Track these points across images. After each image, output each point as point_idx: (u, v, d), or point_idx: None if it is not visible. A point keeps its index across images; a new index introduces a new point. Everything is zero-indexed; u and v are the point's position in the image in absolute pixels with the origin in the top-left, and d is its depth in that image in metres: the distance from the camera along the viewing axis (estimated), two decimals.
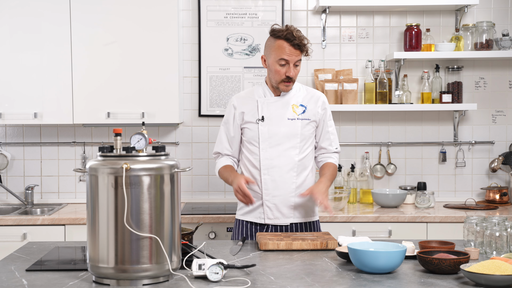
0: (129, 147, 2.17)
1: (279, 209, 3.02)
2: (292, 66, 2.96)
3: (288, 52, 2.94)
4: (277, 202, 3.02)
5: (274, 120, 3.03)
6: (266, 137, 3.02)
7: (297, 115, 3.03)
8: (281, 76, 2.98)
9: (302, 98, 3.08)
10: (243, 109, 3.07)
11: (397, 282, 2.15)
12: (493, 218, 2.60)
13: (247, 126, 3.06)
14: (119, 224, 2.11)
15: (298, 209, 3.05)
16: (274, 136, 3.02)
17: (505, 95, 4.34)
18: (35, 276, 2.26)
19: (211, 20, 4.25)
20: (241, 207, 3.12)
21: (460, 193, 4.34)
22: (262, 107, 3.04)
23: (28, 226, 3.69)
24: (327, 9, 4.19)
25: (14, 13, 3.88)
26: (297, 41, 2.93)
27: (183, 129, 4.29)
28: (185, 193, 4.27)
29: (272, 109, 3.04)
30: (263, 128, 3.02)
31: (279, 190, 3.01)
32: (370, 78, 4.19)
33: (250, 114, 3.06)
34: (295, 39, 2.93)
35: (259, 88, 3.11)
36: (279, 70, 2.97)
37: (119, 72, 3.91)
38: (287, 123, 3.02)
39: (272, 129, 3.02)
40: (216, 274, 2.15)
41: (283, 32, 2.95)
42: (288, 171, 3.01)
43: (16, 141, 4.28)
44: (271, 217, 3.03)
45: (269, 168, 3.01)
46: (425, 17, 4.31)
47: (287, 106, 3.04)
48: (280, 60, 2.96)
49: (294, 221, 3.05)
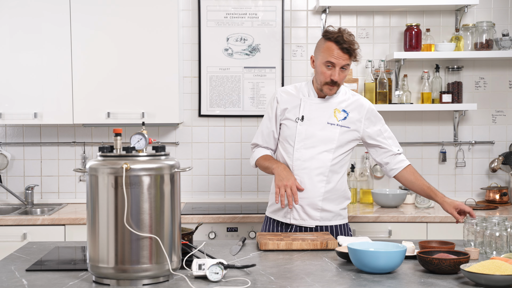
0: (129, 147, 2.17)
1: (306, 211, 2.99)
2: (338, 69, 2.90)
3: (336, 55, 2.88)
4: (303, 204, 2.98)
5: (314, 121, 2.98)
6: (302, 138, 2.99)
7: (338, 121, 2.98)
8: (326, 79, 2.92)
9: (346, 104, 3.02)
10: (286, 105, 3.04)
11: (397, 282, 2.15)
12: (493, 218, 2.60)
13: (286, 122, 3.03)
14: (119, 224, 2.11)
15: (325, 212, 3.01)
16: (311, 138, 2.98)
17: (505, 95, 4.34)
18: (35, 276, 2.26)
19: (211, 20, 4.25)
20: (271, 204, 3.10)
21: (460, 193, 4.34)
22: (304, 107, 3.00)
23: (28, 226, 3.69)
24: (327, 9, 4.19)
25: (14, 13, 3.88)
26: (346, 45, 2.87)
27: (183, 129, 4.29)
28: (185, 193, 4.27)
29: (313, 110, 3.00)
30: (301, 128, 2.99)
31: (307, 192, 2.97)
32: (370, 78, 4.19)
33: (291, 112, 3.02)
34: (344, 43, 2.87)
35: (305, 86, 3.06)
36: (325, 72, 2.92)
37: (119, 72, 3.91)
38: (326, 127, 2.97)
39: (310, 130, 2.98)
40: (216, 274, 2.15)
41: (334, 34, 2.89)
42: (318, 174, 2.97)
43: (16, 141, 4.28)
44: (297, 218, 3.01)
45: (300, 169, 2.98)
46: (425, 17, 4.31)
47: (329, 110, 3.00)
48: (327, 62, 2.90)
49: (321, 224, 3.01)
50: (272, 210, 3.09)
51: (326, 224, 3.02)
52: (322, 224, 3.02)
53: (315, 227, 3.01)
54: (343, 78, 2.94)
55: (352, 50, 2.89)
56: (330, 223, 3.03)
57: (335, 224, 3.05)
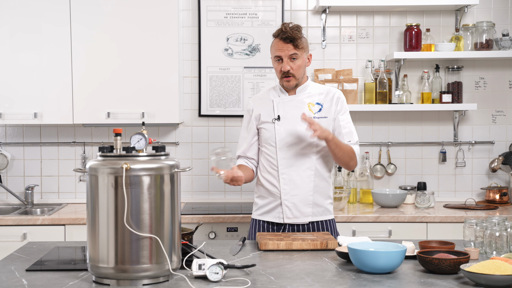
0: (129, 147, 2.17)
1: (298, 208, 3.02)
2: (286, 60, 2.95)
3: (279, 47, 2.96)
4: (296, 201, 3.01)
5: (291, 119, 3.01)
6: (283, 137, 3.01)
7: (314, 114, 3.01)
8: (279, 73, 3.00)
9: (318, 97, 3.06)
10: (260, 111, 3.08)
11: (397, 282, 2.15)
12: (493, 218, 2.60)
13: (264, 126, 3.06)
14: (119, 224, 2.11)
15: (316, 207, 3.04)
16: (291, 135, 3.00)
17: (505, 95, 4.34)
18: (35, 276, 2.26)
19: (211, 20, 4.25)
20: (258, 207, 3.12)
21: (460, 193, 4.34)
22: (278, 107, 3.04)
23: (28, 226, 3.69)
24: (327, 9, 4.19)
25: (14, 13, 3.88)
26: (286, 35, 2.93)
27: (183, 129, 4.29)
28: (185, 193, 4.27)
29: (287, 108, 3.03)
30: (279, 128, 3.02)
31: (298, 189, 3.01)
32: (370, 78, 4.19)
33: (266, 114, 3.06)
34: (285, 33, 2.93)
35: (273, 89, 3.12)
36: (276, 67, 3.01)
37: (119, 72, 3.92)
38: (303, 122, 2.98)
39: (289, 128, 3.01)
40: (216, 274, 2.15)
41: (277, 31, 2.99)
42: (306, 169, 3.00)
43: (16, 141, 4.28)
44: (290, 216, 3.03)
45: (286, 168, 3.01)
46: (425, 17, 4.31)
47: (303, 105, 3.03)
48: (275, 58, 2.99)
49: (313, 219, 3.04)
50: (262, 212, 3.11)
51: (317, 219, 3.05)
52: (314, 220, 3.05)
53: (308, 223, 3.04)
54: (297, 68, 2.98)
55: (292, 38, 2.93)
56: (321, 218, 3.06)
57: (325, 220, 3.08)
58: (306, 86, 3.07)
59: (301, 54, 2.97)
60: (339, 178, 4.19)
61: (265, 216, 3.09)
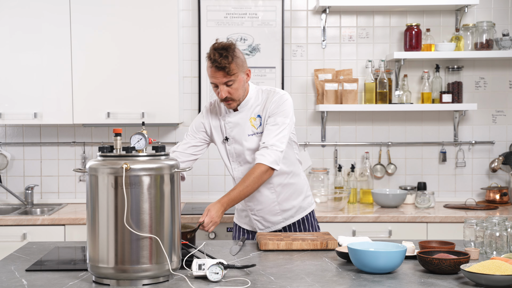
0: (129, 147, 2.17)
1: (267, 219, 3.03)
2: (222, 87, 2.78)
3: (212, 74, 2.78)
4: (263, 214, 3.02)
5: (237, 138, 2.94)
6: (234, 157, 2.98)
7: (256, 129, 2.91)
8: (218, 98, 2.87)
9: (258, 108, 2.92)
10: (213, 124, 2.99)
11: (397, 282, 2.15)
12: (493, 218, 2.60)
13: (216, 143, 3.01)
14: (119, 224, 2.11)
15: (285, 213, 3.02)
16: (241, 155, 2.95)
17: (505, 95, 4.34)
18: (35, 276, 2.26)
19: (211, 20, 4.25)
20: (237, 212, 3.16)
21: (460, 193, 4.34)
22: (225, 128, 2.96)
23: (28, 226, 3.69)
24: (327, 9, 4.19)
25: (14, 13, 3.88)
26: (216, 63, 2.73)
27: (183, 129, 4.29)
28: (185, 193, 4.27)
29: (233, 128, 2.94)
30: (229, 148, 2.98)
31: (261, 204, 2.99)
32: (370, 78, 4.19)
33: (216, 132, 2.99)
34: (214, 61, 2.73)
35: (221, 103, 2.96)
36: (214, 91, 2.84)
37: (119, 72, 3.91)
38: (249, 139, 2.91)
39: (237, 147, 2.95)
40: (216, 274, 2.15)
41: (208, 52, 2.79)
42: (265, 184, 2.94)
43: (16, 141, 4.28)
44: (262, 227, 3.05)
45: None
46: (425, 17, 4.31)
47: (246, 122, 2.91)
48: (211, 84, 2.83)
49: (287, 223, 3.04)
50: (238, 219, 3.14)
51: (293, 221, 3.04)
52: (289, 223, 3.04)
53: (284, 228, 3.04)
54: (235, 91, 2.81)
55: (223, 67, 2.73)
56: (296, 218, 3.04)
57: (300, 218, 3.05)
58: (247, 100, 2.91)
59: (236, 77, 2.79)
60: (339, 178, 4.19)
61: (241, 223, 3.12)
